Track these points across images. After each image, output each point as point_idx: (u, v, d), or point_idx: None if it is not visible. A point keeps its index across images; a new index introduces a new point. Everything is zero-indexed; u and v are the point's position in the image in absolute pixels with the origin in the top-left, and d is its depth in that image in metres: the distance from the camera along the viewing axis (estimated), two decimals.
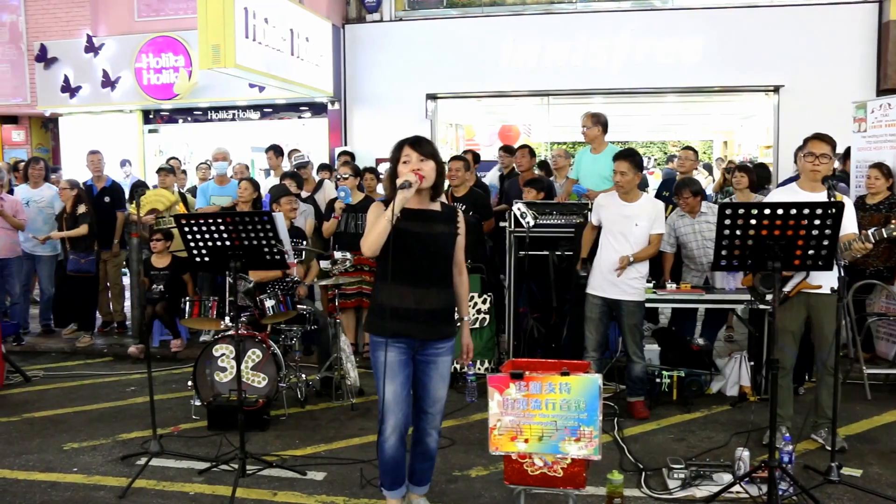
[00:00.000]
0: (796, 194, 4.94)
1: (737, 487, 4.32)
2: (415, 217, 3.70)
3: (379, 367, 3.73)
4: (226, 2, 8.87)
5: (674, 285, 6.47)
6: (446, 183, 7.34)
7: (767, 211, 3.91)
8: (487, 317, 6.89)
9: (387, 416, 3.75)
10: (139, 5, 12.79)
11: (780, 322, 5.03)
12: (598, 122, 7.12)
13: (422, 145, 3.72)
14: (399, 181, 3.59)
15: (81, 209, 8.42)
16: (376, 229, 3.58)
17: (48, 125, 14.60)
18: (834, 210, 3.91)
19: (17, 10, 13.41)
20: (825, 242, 3.98)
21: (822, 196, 4.79)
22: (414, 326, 3.73)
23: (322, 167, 10.01)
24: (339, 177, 7.61)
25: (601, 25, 11.51)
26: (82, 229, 8.34)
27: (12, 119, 14.39)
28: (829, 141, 4.90)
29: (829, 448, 4.66)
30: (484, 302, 6.91)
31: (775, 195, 5.28)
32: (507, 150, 9.70)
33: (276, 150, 9.70)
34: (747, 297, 6.21)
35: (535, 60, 11.67)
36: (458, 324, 4.00)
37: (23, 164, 9.90)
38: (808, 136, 5.00)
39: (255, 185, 7.82)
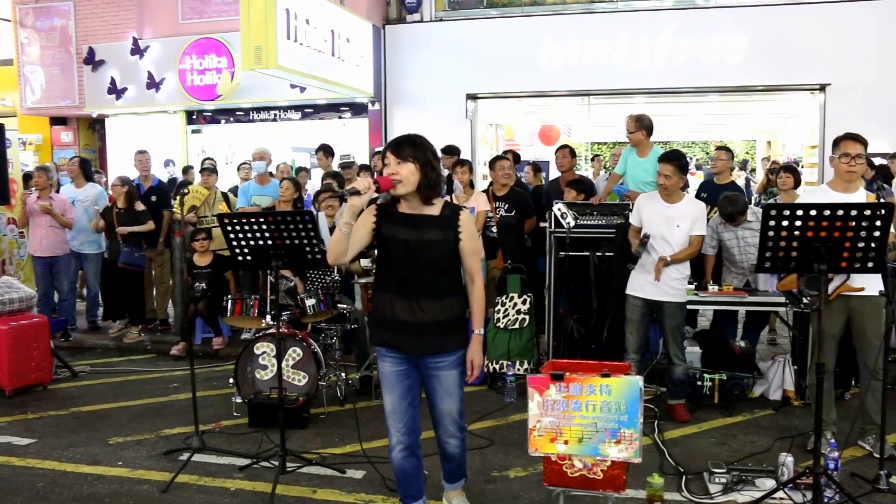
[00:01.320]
0: (827, 194, 4.85)
1: (780, 493, 4.25)
2: (404, 223, 3.57)
3: (381, 378, 3.73)
4: (268, 3, 8.96)
5: (716, 287, 6.39)
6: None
7: (813, 212, 3.84)
8: (527, 317, 6.86)
9: (389, 428, 3.72)
10: (183, 8, 12.98)
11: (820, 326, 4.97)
12: (642, 125, 7.01)
13: (402, 148, 3.49)
14: (348, 188, 3.45)
15: (140, 206, 8.57)
16: (333, 237, 3.58)
17: (95, 126, 14.87)
18: (883, 211, 3.82)
19: (68, 15, 13.68)
20: (874, 244, 3.89)
21: (855, 197, 4.73)
22: (404, 339, 3.61)
23: (363, 168, 10.07)
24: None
25: (643, 25, 11.40)
26: (149, 225, 8.53)
27: (62, 120, 14.69)
28: (862, 141, 4.82)
29: (878, 455, 4.57)
30: (524, 302, 6.89)
31: (807, 197, 5.20)
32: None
33: (325, 151, 9.77)
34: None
35: (576, 60, 11.60)
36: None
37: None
38: (840, 137, 4.89)
39: (297, 185, 7.89)
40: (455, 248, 3.59)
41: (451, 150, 9.03)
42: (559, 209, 6.81)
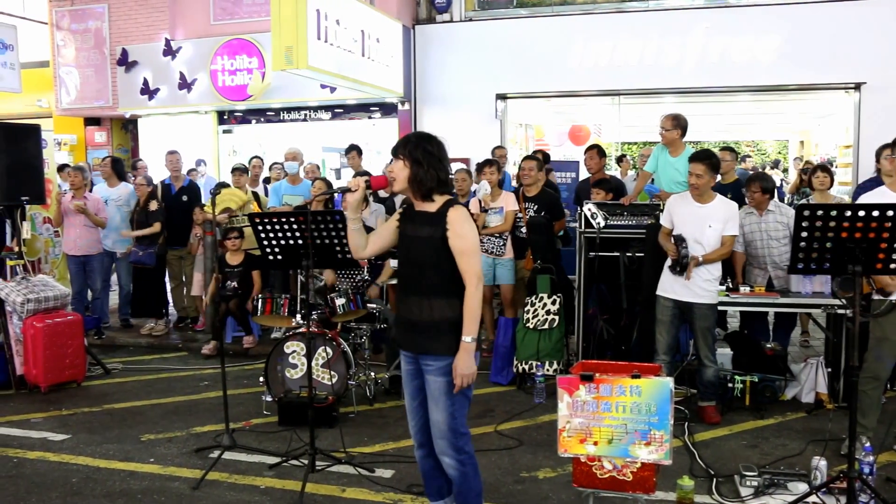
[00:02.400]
0: (884, 196, 4.77)
1: (813, 498, 4.19)
2: (411, 219, 3.59)
3: None
4: (298, 4, 9.00)
5: (747, 288, 6.32)
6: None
7: (848, 213, 3.78)
8: (557, 318, 6.84)
9: (409, 426, 3.75)
10: (215, 9, 13.09)
11: (879, 331, 4.88)
12: (679, 125, 6.95)
13: (396, 147, 3.55)
14: (340, 185, 3.52)
15: (153, 206, 8.69)
16: (348, 232, 3.75)
17: (128, 126, 15.05)
18: None
19: (102, 17, 13.86)
20: None
21: None
22: (400, 335, 3.65)
23: None
24: None
25: (674, 24, 11.31)
26: (155, 227, 8.64)
27: (95, 121, 14.88)
28: None
29: None
30: (553, 303, 6.87)
31: (865, 200, 5.12)
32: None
33: (358, 151, 9.82)
34: (824, 301, 6.05)
35: (606, 60, 11.53)
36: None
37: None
38: None
39: (329, 185, 7.94)
40: (444, 246, 3.43)
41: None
42: (589, 209, 6.79)
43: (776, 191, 8.10)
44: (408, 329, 3.57)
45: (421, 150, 3.48)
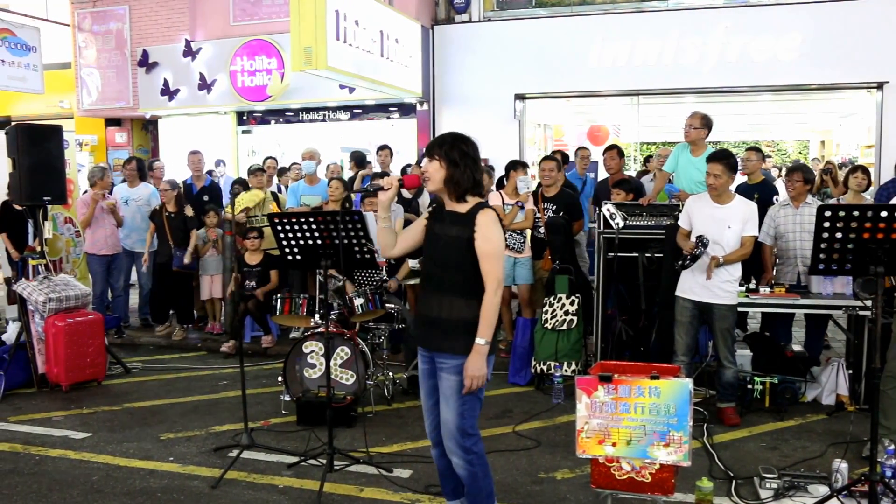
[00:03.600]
0: None
1: (834, 501, 4.16)
2: (441, 218, 3.59)
3: None
4: (318, 4, 9.03)
5: (767, 289, 6.28)
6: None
7: (870, 213, 3.75)
8: (575, 318, 6.82)
9: (426, 425, 3.78)
10: (234, 10, 13.15)
11: None
12: (706, 124, 6.91)
13: (432, 146, 3.55)
14: (373, 183, 3.60)
15: (189, 211, 8.69)
16: (378, 231, 3.73)
17: (148, 127, 15.15)
18: None
19: (123, 18, 13.98)
20: None
21: None
22: (419, 332, 3.66)
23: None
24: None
25: (693, 23, 11.25)
26: (194, 237, 8.65)
27: (116, 122, 15.00)
28: None
29: None
30: (572, 303, 6.85)
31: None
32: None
33: (389, 151, 9.86)
34: (845, 302, 6.00)
35: (625, 59, 11.49)
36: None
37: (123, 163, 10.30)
38: None
39: (346, 185, 7.95)
40: (469, 247, 3.44)
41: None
42: (608, 210, 6.77)
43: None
44: (426, 326, 3.60)
45: (457, 151, 3.49)
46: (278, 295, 6.56)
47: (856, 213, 3.76)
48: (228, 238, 8.49)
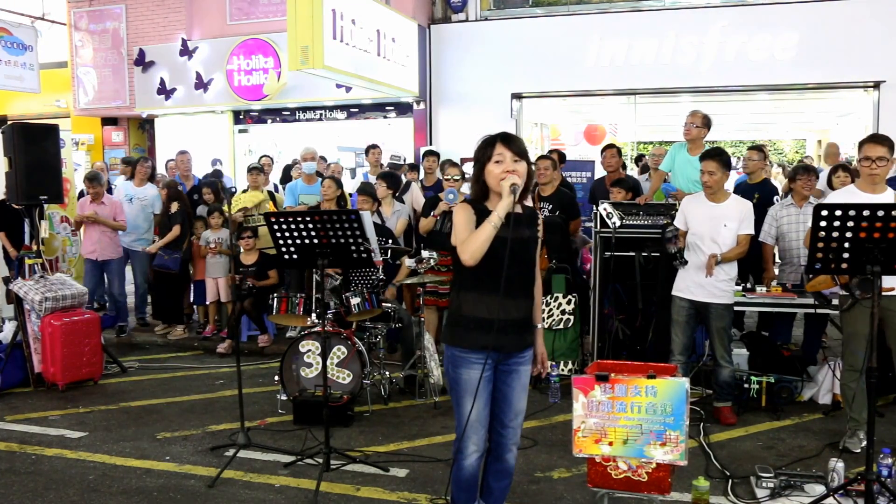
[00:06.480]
0: (854, 195, 4.81)
1: (830, 500, 4.15)
2: (505, 222, 3.36)
3: (462, 384, 3.45)
4: (314, 4, 9.02)
5: (763, 288, 6.28)
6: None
7: (866, 212, 3.74)
8: (572, 318, 6.83)
9: (469, 435, 3.47)
10: (231, 9, 13.15)
11: (850, 326, 4.96)
12: (707, 123, 6.92)
13: (515, 143, 3.40)
14: (508, 184, 3.28)
15: (174, 207, 8.69)
16: (481, 236, 3.27)
17: (145, 126, 15.15)
18: None
19: (119, 17, 13.98)
20: None
21: (882, 197, 4.72)
22: (503, 338, 3.40)
23: (409, 168, 10.08)
24: (448, 178, 7.47)
25: (690, 22, 11.27)
26: (174, 231, 8.62)
27: (113, 121, 14.99)
28: (885, 142, 4.79)
29: None
30: (569, 303, 6.86)
31: (834, 197, 5.13)
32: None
33: (379, 150, 9.87)
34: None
35: (622, 59, 11.51)
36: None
37: (134, 161, 10.21)
38: (863, 139, 4.87)
39: (339, 184, 7.94)
40: (537, 246, 3.60)
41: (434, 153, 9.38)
42: (605, 209, 6.77)
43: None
44: (516, 329, 3.47)
45: (528, 152, 3.50)
46: (275, 294, 6.55)
47: (852, 213, 3.76)
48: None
